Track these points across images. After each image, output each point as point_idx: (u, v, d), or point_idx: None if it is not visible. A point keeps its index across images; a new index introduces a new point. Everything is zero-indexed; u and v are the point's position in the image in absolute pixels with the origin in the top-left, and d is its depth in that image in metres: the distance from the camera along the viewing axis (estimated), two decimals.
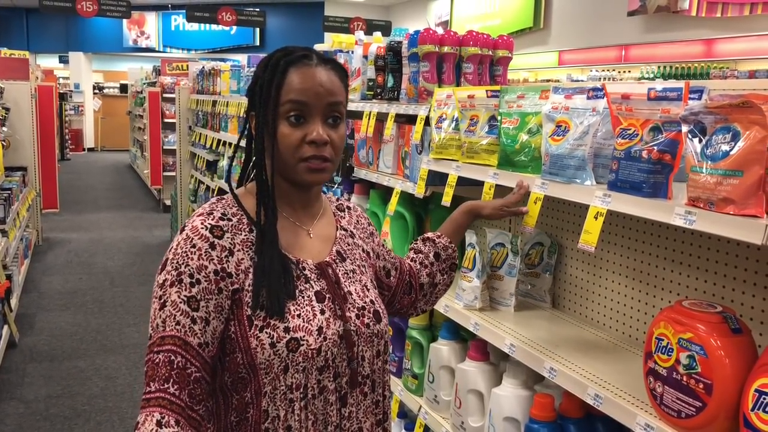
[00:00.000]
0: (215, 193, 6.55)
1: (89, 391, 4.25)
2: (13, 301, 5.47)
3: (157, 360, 1.22)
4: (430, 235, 1.79)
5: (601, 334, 2.02)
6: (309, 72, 1.31)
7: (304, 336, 1.26)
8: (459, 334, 2.37)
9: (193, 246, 1.26)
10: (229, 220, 1.32)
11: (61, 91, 17.94)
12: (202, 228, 1.28)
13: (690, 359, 1.30)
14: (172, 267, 1.25)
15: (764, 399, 1.18)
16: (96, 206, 11.16)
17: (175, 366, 1.21)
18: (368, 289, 1.43)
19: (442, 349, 2.34)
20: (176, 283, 1.24)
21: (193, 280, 1.24)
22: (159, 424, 1.18)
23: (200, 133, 7.31)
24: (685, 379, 1.31)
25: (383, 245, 1.63)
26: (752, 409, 1.20)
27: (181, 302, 1.23)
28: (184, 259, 1.25)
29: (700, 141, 1.28)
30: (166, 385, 1.21)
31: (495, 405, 1.96)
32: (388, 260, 1.62)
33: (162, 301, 1.24)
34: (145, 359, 1.24)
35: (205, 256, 1.26)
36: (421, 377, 2.50)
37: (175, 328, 1.23)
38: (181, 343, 1.22)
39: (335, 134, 1.33)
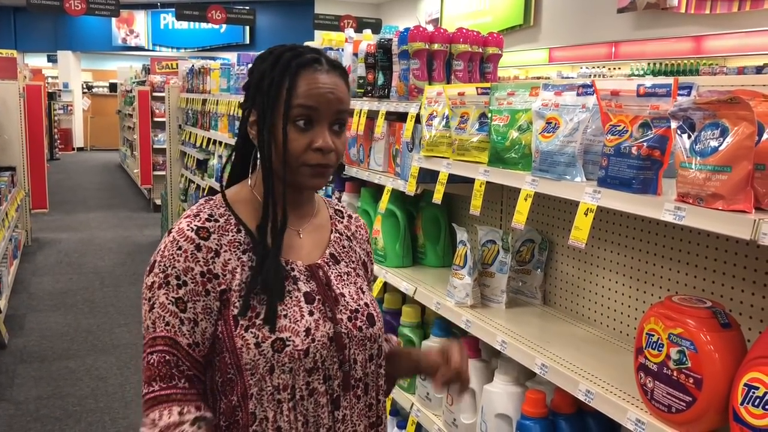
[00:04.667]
0: (206, 192, 6.52)
1: (80, 392, 4.23)
2: (2, 302, 5.44)
3: (152, 360, 1.24)
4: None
5: (592, 330, 2.03)
6: (320, 78, 1.28)
7: (290, 336, 1.25)
8: (451, 332, 2.37)
9: (179, 248, 1.26)
10: (216, 221, 1.31)
11: (50, 91, 17.81)
12: (188, 230, 1.28)
13: (680, 354, 1.31)
14: (160, 269, 1.26)
15: (753, 393, 1.19)
16: (86, 206, 11.10)
17: (172, 365, 1.24)
18: (363, 292, 1.41)
19: (434, 347, 2.33)
20: (163, 285, 1.25)
21: (180, 282, 1.25)
22: (180, 413, 1.21)
23: (190, 132, 7.28)
24: (675, 374, 1.32)
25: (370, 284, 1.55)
26: (741, 403, 1.21)
27: (169, 303, 1.24)
28: (170, 262, 1.26)
29: (689, 137, 1.29)
30: (173, 382, 1.23)
31: (487, 402, 1.96)
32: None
33: (151, 303, 1.25)
34: (143, 360, 1.27)
35: (191, 258, 1.26)
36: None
37: (165, 329, 1.24)
38: (171, 342, 1.24)
39: (339, 142, 1.32)
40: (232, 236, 1.30)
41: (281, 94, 1.27)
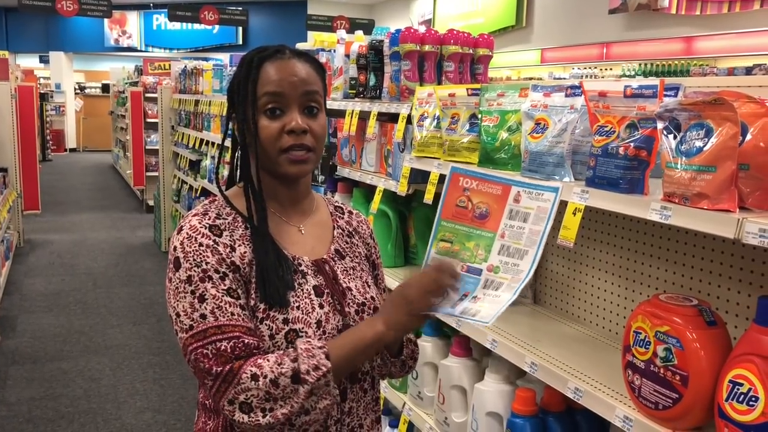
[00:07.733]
0: (198, 193, 6.52)
1: (72, 393, 4.22)
2: None
3: (223, 347, 1.21)
4: None
5: (581, 328, 2.05)
6: (282, 64, 1.32)
7: (303, 328, 1.27)
8: (442, 331, 2.38)
9: (200, 244, 1.27)
10: (224, 218, 1.33)
11: (42, 92, 17.74)
12: (201, 227, 1.29)
13: (667, 352, 1.32)
14: (191, 264, 1.25)
15: (738, 389, 1.21)
16: (78, 207, 11.06)
17: (252, 347, 1.22)
18: (369, 286, 1.43)
19: (426, 345, 2.35)
20: (206, 279, 1.24)
21: (221, 275, 1.25)
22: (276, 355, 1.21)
23: (183, 133, 7.27)
24: (662, 371, 1.34)
25: (382, 278, 1.57)
26: (726, 400, 1.23)
27: (223, 295, 1.24)
28: (201, 257, 1.26)
29: (675, 137, 1.31)
30: (256, 353, 1.22)
31: (478, 400, 1.97)
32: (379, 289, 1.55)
33: (197, 294, 1.23)
34: (198, 351, 1.22)
35: (215, 252, 1.27)
36: None
37: (231, 318, 1.23)
38: (246, 330, 1.23)
39: (315, 123, 1.33)
40: (242, 231, 1.32)
41: (248, 88, 1.31)
